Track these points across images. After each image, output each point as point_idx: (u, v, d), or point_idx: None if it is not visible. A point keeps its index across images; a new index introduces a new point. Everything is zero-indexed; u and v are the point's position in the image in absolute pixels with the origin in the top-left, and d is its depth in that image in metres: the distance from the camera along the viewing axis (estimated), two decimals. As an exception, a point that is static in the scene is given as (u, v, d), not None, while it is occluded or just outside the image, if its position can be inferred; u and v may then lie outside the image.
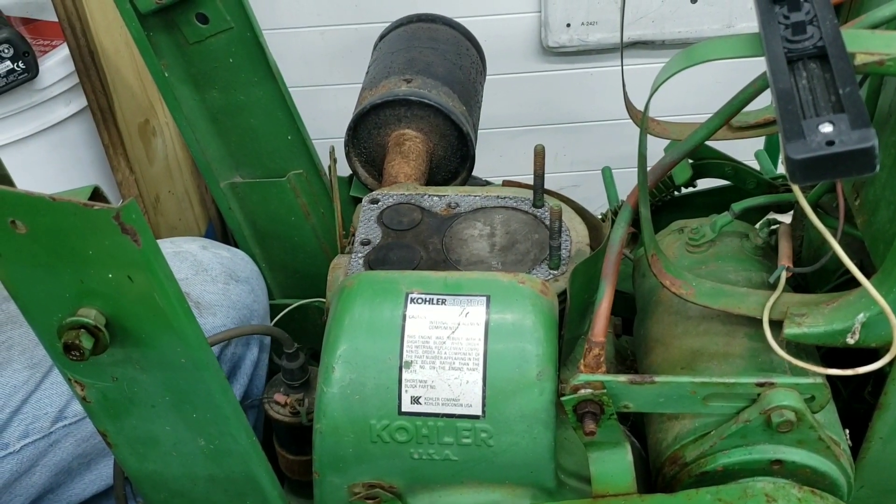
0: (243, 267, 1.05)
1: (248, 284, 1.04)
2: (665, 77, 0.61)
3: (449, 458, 0.71)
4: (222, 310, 0.98)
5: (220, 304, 0.98)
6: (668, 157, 0.74)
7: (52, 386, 0.89)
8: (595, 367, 0.69)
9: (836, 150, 0.47)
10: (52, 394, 0.89)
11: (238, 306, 1.00)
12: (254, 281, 1.05)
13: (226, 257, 1.05)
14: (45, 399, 0.88)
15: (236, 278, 1.02)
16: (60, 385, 0.89)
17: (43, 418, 0.88)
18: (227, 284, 1.01)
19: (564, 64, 1.95)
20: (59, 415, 0.89)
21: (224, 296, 0.99)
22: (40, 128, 1.63)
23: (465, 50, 1.14)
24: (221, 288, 1.00)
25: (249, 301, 1.02)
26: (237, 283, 1.02)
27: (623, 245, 0.71)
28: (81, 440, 0.90)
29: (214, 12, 0.96)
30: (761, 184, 0.99)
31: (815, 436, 0.70)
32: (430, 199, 0.86)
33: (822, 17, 0.56)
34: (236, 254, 1.08)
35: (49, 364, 0.89)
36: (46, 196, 0.55)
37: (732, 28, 1.86)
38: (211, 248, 1.05)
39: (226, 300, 0.99)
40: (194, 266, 1.01)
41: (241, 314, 1.00)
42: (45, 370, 0.89)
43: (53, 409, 0.88)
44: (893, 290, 0.64)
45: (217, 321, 0.96)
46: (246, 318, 1.01)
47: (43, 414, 0.88)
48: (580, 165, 2.09)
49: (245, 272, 1.05)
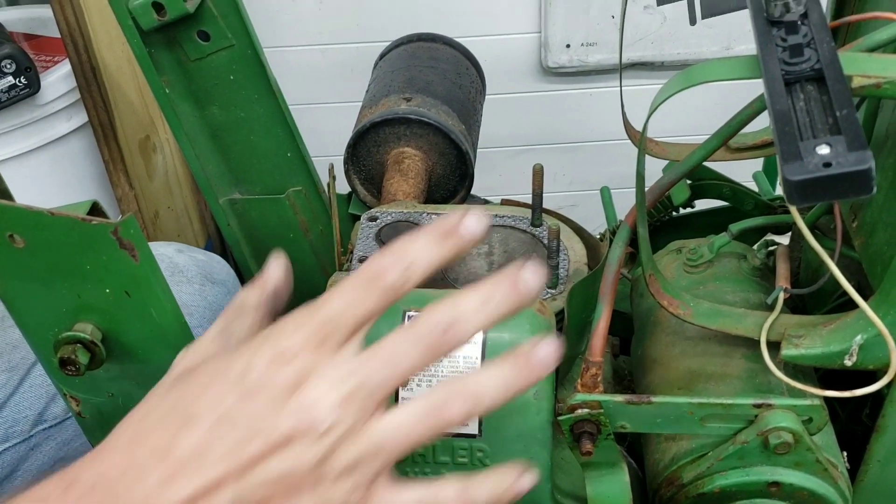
0: (219, 269, 1.06)
1: (224, 286, 1.04)
2: (663, 98, 0.62)
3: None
4: (199, 310, 0.98)
5: (196, 305, 0.99)
6: (667, 177, 0.74)
7: (31, 389, 0.88)
8: (592, 387, 0.69)
9: (833, 171, 0.47)
10: (31, 397, 0.88)
11: (214, 307, 1.01)
12: (230, 283, 1.06)
13: (201, 260, 1.05)
14: (23, 402, 0.88)
15: (212, 280, 1.03)
16: (39, 388, 0.88)
17: (22, 422, 0.87)
18: (202, 286, 1.01)
19: (564, 84, 1.96)
20: (39, 418, 0.88)
21: (200, 297, 1.00)
22: (41, 143, 1.63)
23: (465, 69, 1.14)
24: (197, 289, 1.00)
25: (226, 302, 1.03)
26: (213, 285, 1.02)
27: (621, 265, 0.71)
28: (62, 443, 0.89)
29: (216, 30, 0.97)
30: (759, 205, 0.99)
31: (812, 458, 0.70)
32: (428, 218, 0.86)
33: (820, 39, 0.56)
34: (212, 257, 1.09)
35: (27, 366, 0.88)
36: (45, 210, 0.55)
37: (731, 50, 1.87)
38: (186, 252, 1.06)
39: (202, 301, 1.00)
40: (170, 268, 1.01)
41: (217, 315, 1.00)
42: (23, 373, 0.88)
43: (33, 412, 0.88)
44: (891, 313, 0.64)
45: (193, 321, 0.96)
46: None
47: (22, 417, 0.87)
48: (579, 185, 2.09)
49: (221, 274, 1.05)
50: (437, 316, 0.46)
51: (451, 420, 0.46)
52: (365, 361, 0.45)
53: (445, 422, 0.46)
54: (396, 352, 0.46)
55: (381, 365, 0.45)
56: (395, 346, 0.46)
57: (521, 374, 0.47)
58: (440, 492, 0.47)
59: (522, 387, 0.47)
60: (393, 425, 0.45)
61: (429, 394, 0.46)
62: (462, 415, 0.46)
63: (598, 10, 1.83)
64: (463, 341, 0.47)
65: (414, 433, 0.46)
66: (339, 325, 0.45)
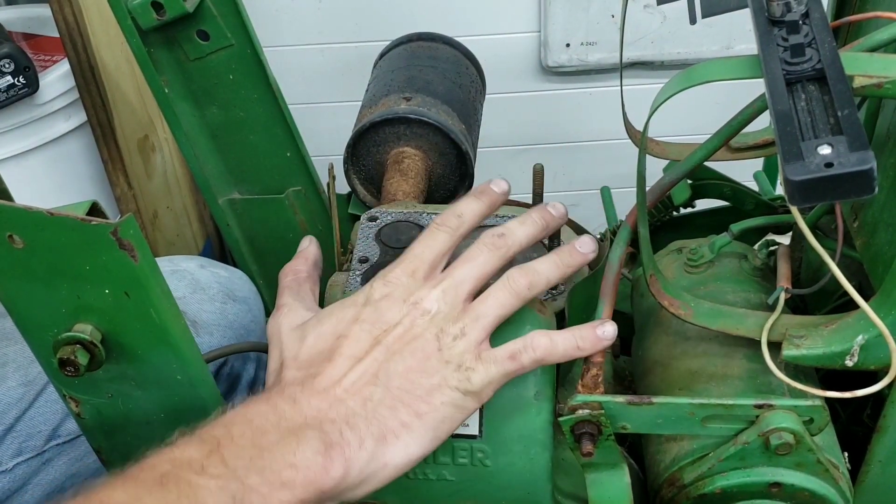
0: (241, 286, 1.06)
1: (245, 304, 1.03)
2: (664, 98, 0.61)
3: (445, 477, 0.71)
4: (219, 329, 0.98)
5: (217, 324, 0.98)
6: (667, 177, 0.74)
7: (47, 404, 0.88)
8: (593, 388, 0.69)
9: (834, 171, 0.47)
10: (47, 412, 0.88)
11: (235, 326, 1.00)
12: (251, 301, 1.05)
13: (223, 276, 1.05)
14: (38, 417, 0.88)
15: (234, 298, 1.02)
16: (55, 403, 0.88)
17: (37, 436, 0.87)
18: (224, 304, 1.01)
19: (564, 84, 1.96)
20: (53, 433, 0.88)
21: (221, 315, 0.99)
22: (40, 142, 1.63)
23: (465, 69, 1.14)
24: (219, 307, 1.00)
25: (247, 321, 1.02)
26: (235, 303, 1.02)
27: (622, 265, 0.71)
28: (75, 459, 0.89)
29: (215, 29, 0.96)
30: (760, 205, 0.99)
31: (813, 458, 0.70)
32: (428, 218, 0.86)
33: (821, 39, 0.56)
34: (234, 273, 1.08)
35: (44, 381, 0.88)
36: (44, 210, 0.55)
37: (732, 49, 1.87)
38: (209, 267, 1.05)
39: (223, 319, 0.99)
40: (192, 284, 1.00)
41: (238, 333, 1.00)
42: (39, 388, 0.88)
43: (47, 427, 0.88)
44: (892, 313, 0.64)
45: (214, 340, 0.96)
46: (243, 338, 1.01)
47: (37, 432, 0.87)
48: (579, 185, 2.09)
49: (243, 292, 1.05)
50: (491, 230, 0.66)
51: (518, 289, 0.64)
52: (450, 270, 0.64)
53: (515, 291, 0.64)
54: (468, 256, 0.65)
55: (460, 266, 0.64)
56: (468, 253, 0.65)
57: (566, 259, 0.67)
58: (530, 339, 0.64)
59: (567, 271, 0.67)
60: (483, 301, 0.64)
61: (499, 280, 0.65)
62: (526, 283, 0.64)
63: (597, 9, 1.83)
64: (515, 244, 0.66)
65: (497, 303, 0.63)
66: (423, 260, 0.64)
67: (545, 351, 0.64)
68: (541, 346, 0.64)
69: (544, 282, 0.66)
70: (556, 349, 0.65)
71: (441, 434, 0.62)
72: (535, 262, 0.66)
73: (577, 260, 0.68)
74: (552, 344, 0.64)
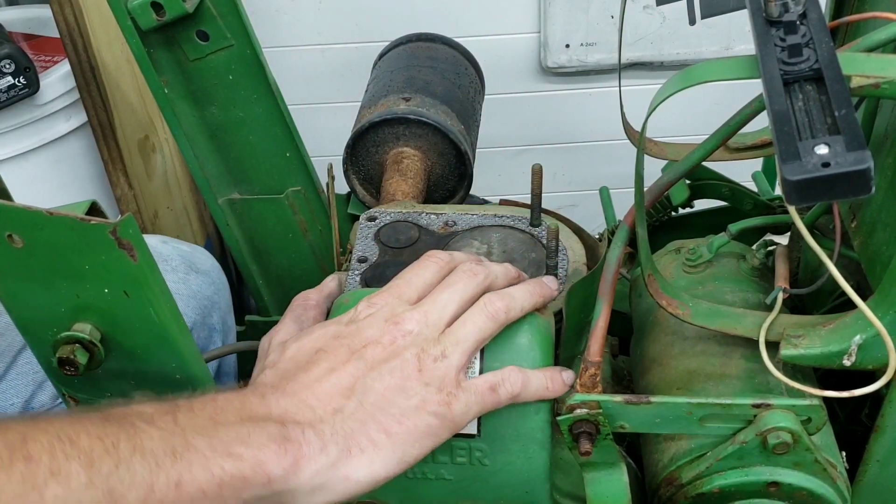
0: (203, 260, 1.08)
1: (208, 276, 1.06)
2: (662, 98, 0.62)
3: (443, 477, 0.71)
4: (182, 298, 1.00)
5: (180, 293, 1.00)
6: (666, 177, 0.74)
7: (18, 376, 0.88)
8: (591, 387, 0.69)
9: (831, 171, 0.47)
10: (18, 384, 0.88)
11: (198, 296, 1.02)
12: (214, 274, 1.08)
13: (185, 251, 1.07)
14: (10, 390, 0.88)
15: (196, 269, 1.05)
16: (26, 375, 0.88)
17: (9, 409, 0.87)
18: (187, 274, 1.03)
19: (563, 84, 1.96)
20: (26, 405, 0.88)
21: (184, 285, 1.02)
22: (40, 143, 1.63)
23: (464, 69, 1.14)
24: (182, 277, 1.02)
25: (210, 292, 1.05)
26: (197, 274, 1.04)
27: (620, 265, 0.71)
28: None
29: (215, 30, 0.96)
30: (758, 205, 0.99)
31: (811, 458, 0.70)
32: (427, 218, 0.86)
33: (819, 40, 0.56)
34: (196, 248, 1.11)
35: (13, 353, 0.88)
36: (43, 210, 0.55)
37: (730, 50, 1.87)
38: (170, 243, 1.09)
39: (186, 289, 1.01)
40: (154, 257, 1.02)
41: (201, 304, 1.03)
42: (8, 360, 0.88)
43: (20, 399, 0.88)
44: (890, 313, 0.64)
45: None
46: (207, 309, 1.03)
47: (9, 405, 0.88)
48: (578, 185, 2.09)
49: (205, 265, 1.07)
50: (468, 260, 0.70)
51: (495, 312, 0.65)
52: (432, 294, 0.66)
53: (492, 314, 0.65)
54: (448, 282, 0.67)
55: (440, 291, 0.66)
56: (448, 279, 0.67)
57: (538, 290, 0.69)
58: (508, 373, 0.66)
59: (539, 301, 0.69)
60: (463, 325, 0.65)
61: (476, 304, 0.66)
62: (503, 307, 0.66)
63: (597, 9, 1.83)
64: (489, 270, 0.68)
65: (476, 328, 0.65)
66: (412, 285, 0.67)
67: (521, 387, 0.66)
68: (518, 383, 0.65)
69: (519, 308, 0.67)
70: (529, 388, 0.66)
71: (408, 458, 0.61)
72: (511, 289, 0.68)
73: (547, 293, 0.70)
74: (526, 381, 0.66)
